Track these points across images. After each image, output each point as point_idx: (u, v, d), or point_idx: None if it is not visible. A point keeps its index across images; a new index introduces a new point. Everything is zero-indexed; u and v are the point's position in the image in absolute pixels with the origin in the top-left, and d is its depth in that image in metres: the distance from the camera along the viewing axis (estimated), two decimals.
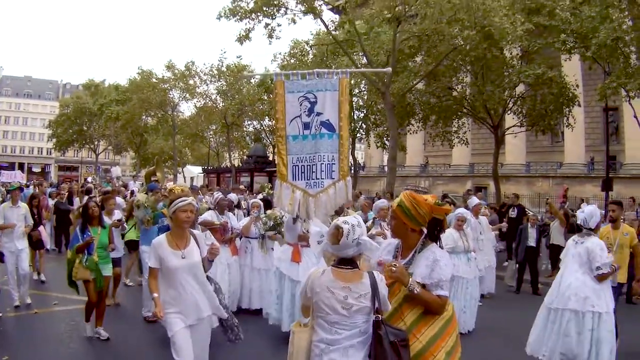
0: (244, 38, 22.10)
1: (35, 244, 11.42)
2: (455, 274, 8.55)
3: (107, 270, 8.13)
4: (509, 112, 25.05)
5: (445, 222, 4.18)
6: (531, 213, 15.99)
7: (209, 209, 9.56)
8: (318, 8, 22.73)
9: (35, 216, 10.88)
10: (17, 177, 34.52)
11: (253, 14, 21.72)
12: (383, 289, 3.64)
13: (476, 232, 10.90)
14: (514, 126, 25.60)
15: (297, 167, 7.09)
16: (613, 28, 16.92)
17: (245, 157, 46.20)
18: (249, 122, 46.99)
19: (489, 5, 18.73)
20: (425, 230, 4.02)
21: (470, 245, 9.37)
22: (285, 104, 7.09)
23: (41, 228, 11.55)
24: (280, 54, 34.31)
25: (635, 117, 19.52)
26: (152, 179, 13.64)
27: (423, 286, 3.75)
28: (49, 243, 13.96)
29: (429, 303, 3.76)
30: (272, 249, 9.59)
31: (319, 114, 7.10)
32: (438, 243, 4.03)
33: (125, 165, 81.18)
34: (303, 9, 22.07)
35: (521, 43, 21.13)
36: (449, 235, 8.93)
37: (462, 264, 9.02)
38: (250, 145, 47.94)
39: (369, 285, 3.56)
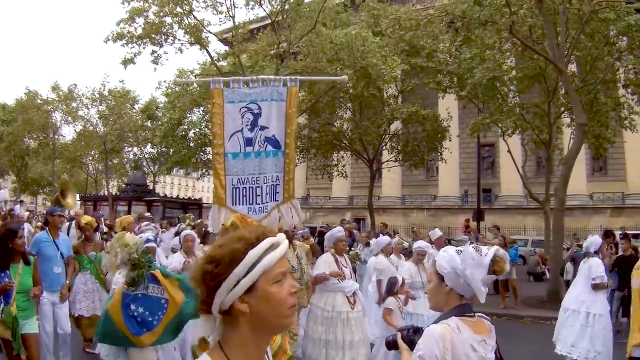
0: (128, 62, 21.99)
1: None
2: (412, 312, 8.05)
3: (31, 326, 5.80)
4: (385, 147, 26.38)
5: None
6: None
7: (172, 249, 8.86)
8: (204, 39, 23.02)
9: None
10: None
11: (140, 40, 21.73)
12: None
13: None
14: (388, 160, 26.95)
15: (237, 189, 6.09)
16: (489, 68, 17.70)
17: (123, 185, 45.04)
18: (129, 149, 46.00)
19: (368, 47, 19.89)
20: None
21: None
22: (224, 116, 6.04)
23: None
24: (165, 81, 34.12)
25: (509, 152, 20.91)
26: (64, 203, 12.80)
27: None
28: None
29: None
30: None
31: (263, 127, 6.14)
32: None
33: (6, 189, 76.41)
34: (190, 39, 22.31)
35: (396, 83, 22.43)
36: (407, 268, 8.45)
37: (420, 300, 8.00)
38: (129, 173, 46.77)
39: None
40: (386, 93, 24.45)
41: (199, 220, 16.72)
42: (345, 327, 7.09)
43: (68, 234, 11.38)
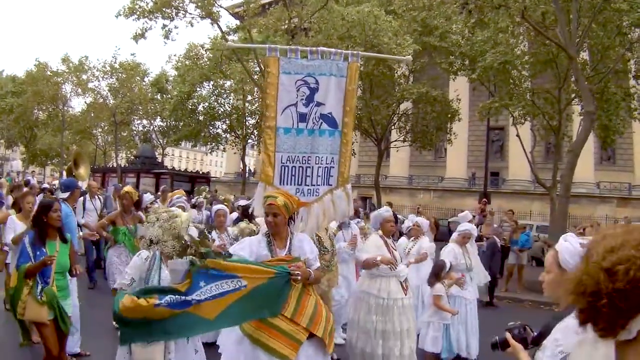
0: (139, 36, 21.97)
1: None
2: (456, 294, 7.63)
3: (68, 307, 5.61)
4: (393, 127, 26.33)
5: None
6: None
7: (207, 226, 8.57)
8: (216, 13, 22.94)
9: None
10: None
11: (151, 14, 21.68)
12: None
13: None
14: (396, 141, 26.91)
15: (286, 167, 5.59)
16: (501, 52, 17.58)
17: (132, 157, 45.29)
18: (139, 122, 46.23)
19: (380, 25, 19.75)
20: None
21: (472, 263, 8.25)
22: (278, 87, 5.54)
23: None
24: (175, 55, 34.11)
25: (519, 136, 20.86)
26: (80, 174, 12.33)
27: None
28: None
29: (319, 278, 4.88)
30: None
31: (319, 104, 5.66)
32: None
33: (15, 160, 76.83)
34: (201, 13, 22.25)
35: (407, 64, 22.28)
36: (451, 250, 8.05)
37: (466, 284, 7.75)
38: (138, 145, 47.01)
39: None
40: (397, 72, 24.35)
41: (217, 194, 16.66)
42: (402, 315, 6.48)
43: (84, 208, 11.39)
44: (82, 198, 11.32)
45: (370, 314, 6.51)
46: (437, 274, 7.03)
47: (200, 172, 38.26)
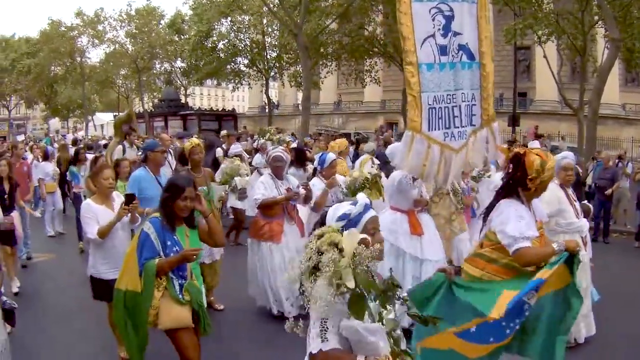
0: None
1: (4, 236, 7.32)
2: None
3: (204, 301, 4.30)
4: None
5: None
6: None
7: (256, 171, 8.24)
8: None
9: (5, 195, 7.59)
10: None
11: None
12: None
13: None
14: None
15: (433, 110, 4.84)
16: None
17: (157, 100, 45.50)
18: (160, 65, 46.15)
19: None
20: None
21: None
22: (412, 17, 4.77)
23: (14, 214, 7.68)
24: None
25: (545, 57, 20.62)
26: (125, 128, 10.51)
27: None
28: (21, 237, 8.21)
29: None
30: None
31: (456, 34, 4.97)
32: None
33: (35, 119, 77.60)
34: None
35: None
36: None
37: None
38: (160, 89, 47.07)
39: None
40: None
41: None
42: (582, 272, 4.80)
43: None
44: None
45: None
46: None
47: (226, 110, 38.15)
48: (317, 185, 6.46)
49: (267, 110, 38.75)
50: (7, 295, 5.27)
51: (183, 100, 41.43)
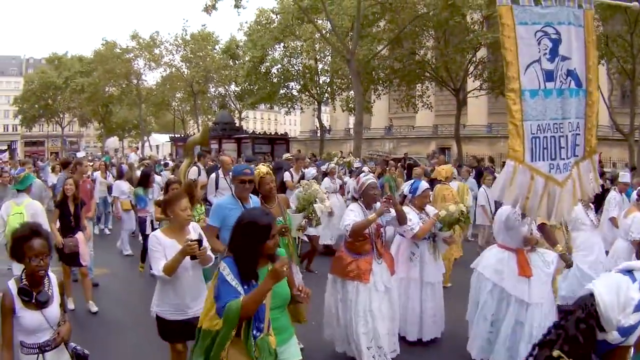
0: (211, 8, 22.28)
1: (69, 258, 7.34)
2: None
3: (292, 352, 3.63)
4: (470, 75, 25.86)
5: None
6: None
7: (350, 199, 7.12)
8: None
9: (71, 217, 7.45)
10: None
11: None
12: None
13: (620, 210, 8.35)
14: (474, 89, 26.42)
15: (537, 139, 4.60)
16: None
17: (212, 123, 46.46)
18: (215, 89, 47.21)
19: None
20: None
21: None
22: (517, 40, 4.58)
23: (79, 235, 7.46)
24: (246, 22, 34.68)
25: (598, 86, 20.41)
26: (198, 150, 10.48)
27: None
28: (88, 258, 7.90)
29: None
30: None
31: (564, 58, 4.72)
32: None
33: (89, 137, 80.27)
34: None
35: (481, 9, 21.81)
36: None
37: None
38: (215, 112, 48.08)
39: None
40: (471, 19, 23.82)
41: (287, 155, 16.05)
42: None
43: (216, 186, 9.68)
44: (214, 174, 9.94)
45: None
46: None
47: (279, 134, 38.71)
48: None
49: (318, 135, 39.14)
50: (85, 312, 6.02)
51: (237, 124, 42.22)
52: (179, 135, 43.23)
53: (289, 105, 38.68)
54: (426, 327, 6.22)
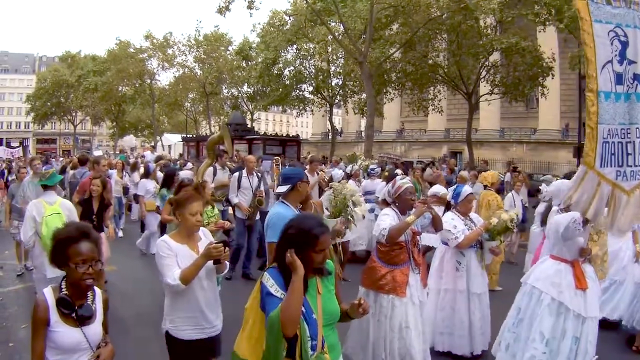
0: (224, 9, 22.34)
1: None
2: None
3: None
4: (482, 80, 25.78)
5: None
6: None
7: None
8: None
9: (94, 216, 7.31)
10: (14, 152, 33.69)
11: None
12: None
13: None
14: (487, 94, 26.32)
15: (607, 144, 4.33)
16: None
17: (224, 124, 46.56)
18: (227, 90, 47.38)
19: None
20: None
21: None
22: (594, 38, 4.29)
23: (102, 235, 7.03)
24: (259, 24, 34.83)
25: None
26: (217, 149, 9.90)
27: None
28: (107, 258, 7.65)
29: None
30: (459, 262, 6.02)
31: (631, 62, 4.47)
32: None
33: (102, 135, 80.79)
34: None
35: (495, 14, 21.74)
36: None
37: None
38: (227, 113, 48.22)
39: None
40: (484, 23, 23.77)
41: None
42: None
43: (239, 185, 9.36)
44: (237, 174, 9.61)
45: None
46: None
47: (290, 135, 38.74)
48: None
49: (330, 137, 39.17)
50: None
51: (249, 125, 42.33)
52: (190, 135, 43.39)
53: (301, 107, 38.75)
54: (476, 340, 5.91)
